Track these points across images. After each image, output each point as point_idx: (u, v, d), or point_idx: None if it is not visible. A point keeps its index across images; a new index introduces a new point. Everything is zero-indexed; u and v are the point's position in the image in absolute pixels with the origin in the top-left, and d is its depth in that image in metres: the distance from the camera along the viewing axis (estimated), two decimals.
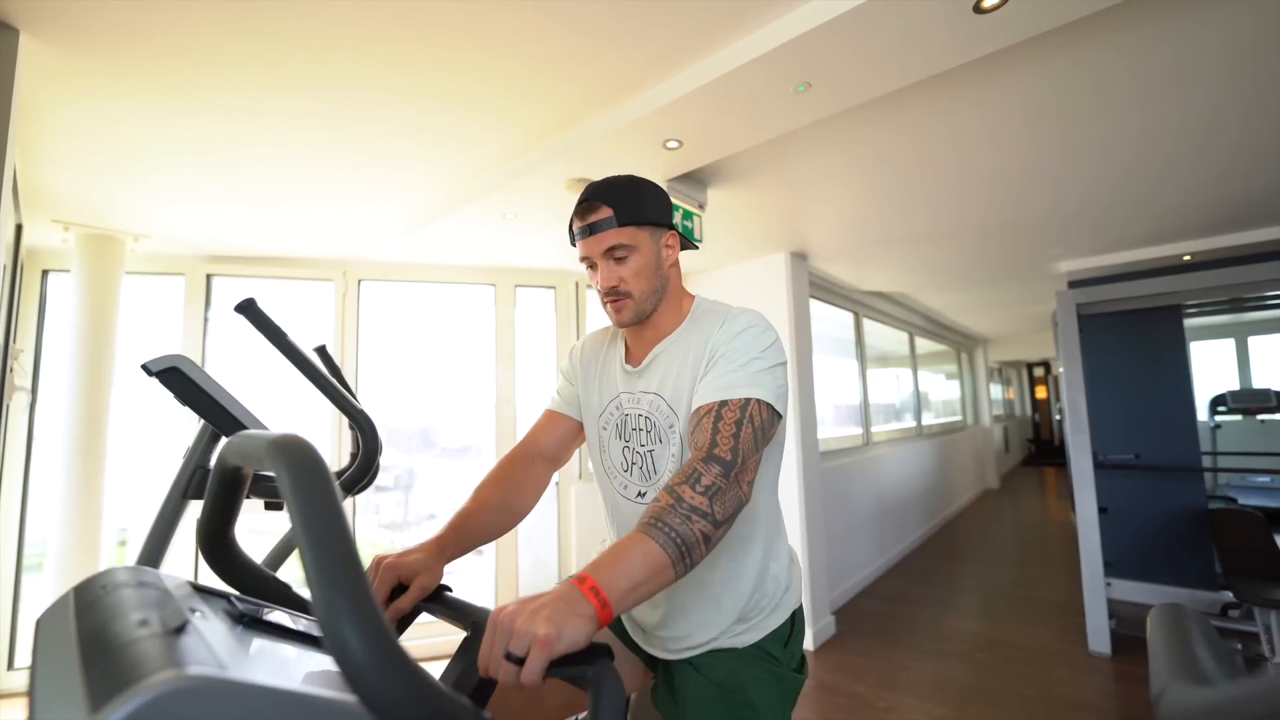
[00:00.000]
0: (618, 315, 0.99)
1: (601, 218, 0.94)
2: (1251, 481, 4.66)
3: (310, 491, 0.41)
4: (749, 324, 0.93)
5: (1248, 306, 4.52)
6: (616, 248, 0.95)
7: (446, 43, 1.47)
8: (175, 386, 1.20)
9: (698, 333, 0.98)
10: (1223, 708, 0.40)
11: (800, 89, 1.58)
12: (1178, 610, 0.66)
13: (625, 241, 0.95)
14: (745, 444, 0.81)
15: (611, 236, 0.94)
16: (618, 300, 0.97)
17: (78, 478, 2.47)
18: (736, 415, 0.83)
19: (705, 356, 0.93)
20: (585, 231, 0.96)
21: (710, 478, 0.77)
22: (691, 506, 0.74)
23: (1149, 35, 1.50)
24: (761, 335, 0.92)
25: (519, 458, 1.08)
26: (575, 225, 0.98)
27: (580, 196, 0.98)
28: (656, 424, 0.98)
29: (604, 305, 1.01)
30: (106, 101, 1.68)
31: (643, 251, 0.97)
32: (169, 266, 3.00)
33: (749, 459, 0.81)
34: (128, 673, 0.35)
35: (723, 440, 0.81)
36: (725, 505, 0.77)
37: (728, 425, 0.82)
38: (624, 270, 0.96)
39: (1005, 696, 2.53)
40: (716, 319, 0.96)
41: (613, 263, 0.96)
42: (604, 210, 0.94)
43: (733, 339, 0.91)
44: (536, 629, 0.57)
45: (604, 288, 0.97)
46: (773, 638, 0.98)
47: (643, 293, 0.98)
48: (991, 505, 7.20)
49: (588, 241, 0.96)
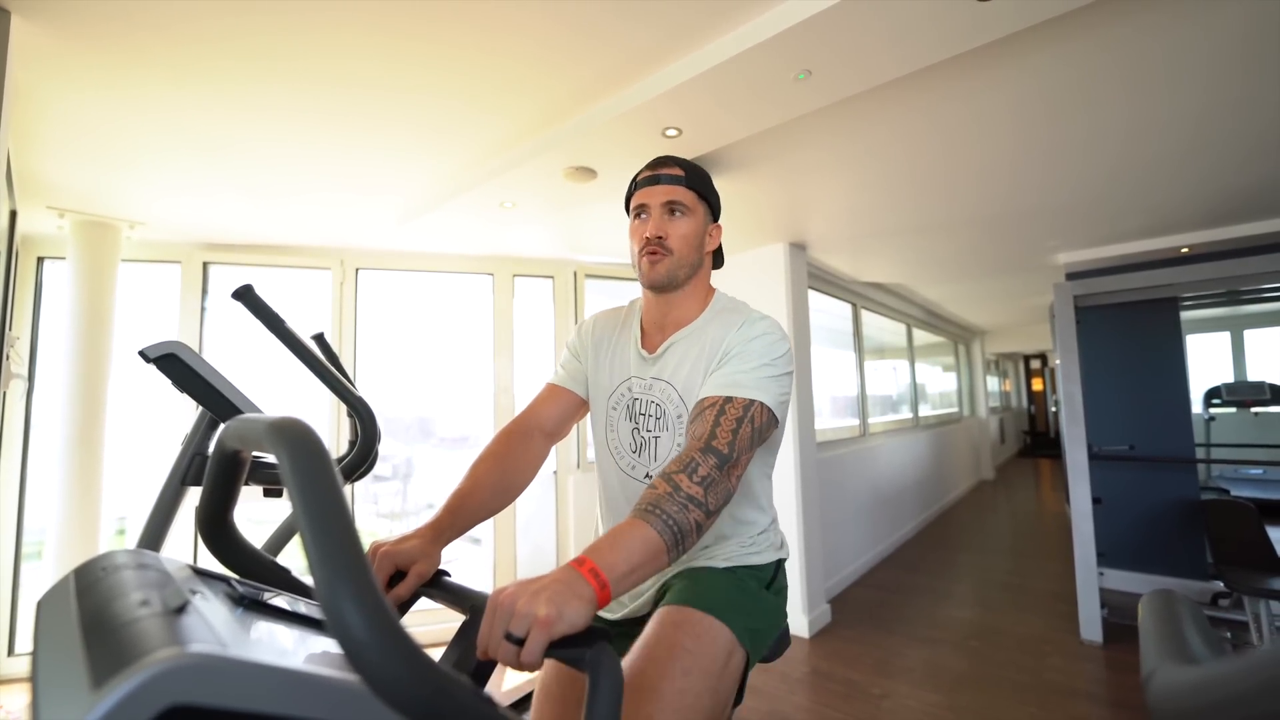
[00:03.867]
0: (652, 269, 1.00)
1: (672, 173, 1.00)
2: (1244, 473, 4.70)
3: (310, 473, 0.41)
4: (767, 330, 0.95)
5: (1244, 299, 4.54)
6: (676, 203, 1.00)
7: (443, 33, 1.46)
8: (173, 373, 1.20)
9: (717, 328, 1.00)
10: (1210, 684, 0.41)
11: (801, 76, 1.57)
12: (1169, 596, 0.67)
13: (685, 201, 1.00)
14: (742, 442, 0.83)
15: (676, 191, 1.00)
16: (658, 254, 0.99)
17: (76, 466, 2.47)
18: (739, 414, 0.85)
19: (720, 352, 0.95)
20: (652, 180, 1.00)
21: (707, 469, 0.78)
22: (689, 495, 0.75)
23: (1139, 29, 1.50)
24: (776, 344, 0.94)
25: (516, 431, 1.07)
26: (642, 175, 1.02)
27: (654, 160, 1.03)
28: (666, 412, 1.00)
29: (639, 259, 1.01)
30: (101, 87, 1.66)
31: (695, 219, 1.02)
32: (165, 254, 2.98)
33: (742, 456, 0.83)
34: (129, 650, 0.35)
35: (722, 434, 0.82)
36: (717, 497, 0.78)
37: (729, 421, 0.84)
38: (675, 226, 1.00)
39: (998, 683, 2.56)
40: (737, 319, 0.98)
41: (668, 215, 1.00)
42: (676, 169, 1.01)
43: (749, 341, 0.94)
44: (537, 610, 0.57)
45: (652, 234, 0.99)
46: (752, 571, 0.99)
47: (682, 256, 1.00)
48: (986, 496, 7.24)
49: (652, 190, 1.00)
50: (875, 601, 3.63)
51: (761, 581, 1.00)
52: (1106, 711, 2.31)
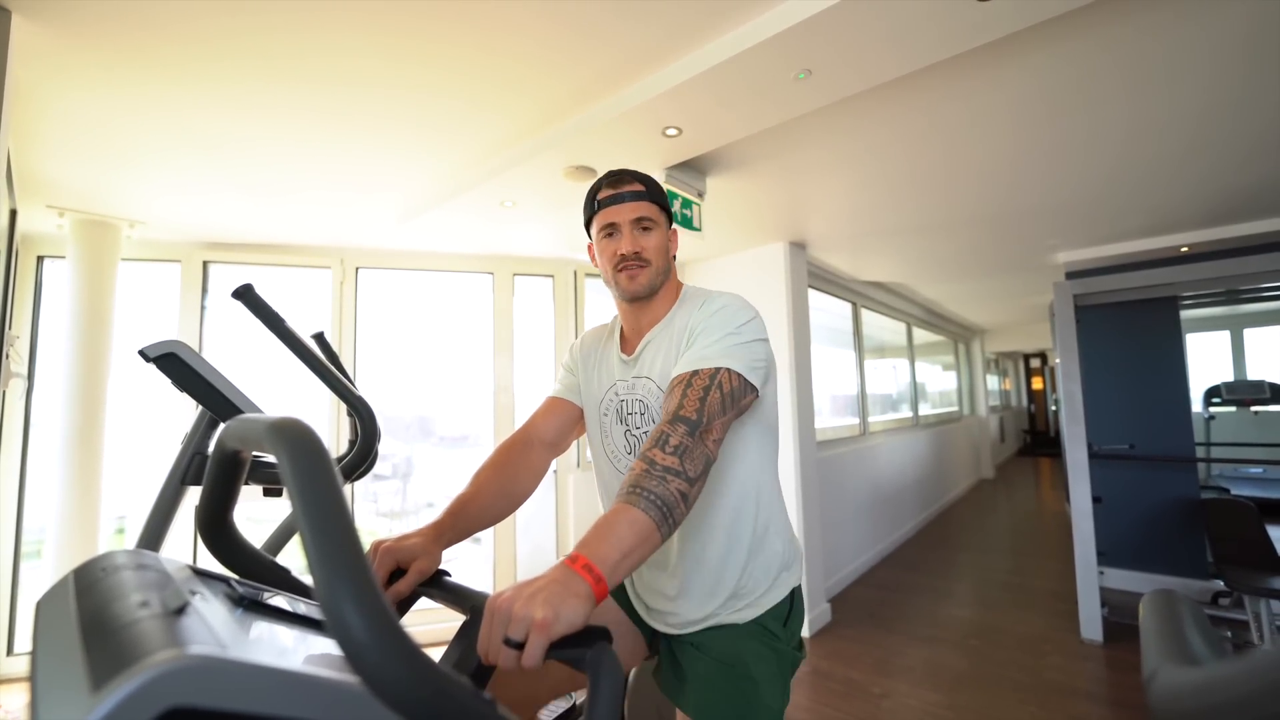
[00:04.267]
0: (631, 283, 1.02)
1: (634, 189, 1.03)
2: (1244, 472, 4.70)
3: (310, 473, 0.41)
4: (725, 303, 0.98)
5: (1244, 298, 4.54)
6: (644, 219, 1.02)
7: (443, 32, 1.46)
8: (172, 372, 1.20)
9: (682, 315, 1.03)
10: (1212, 686, 0.41)
11: (801, 76, 1.57)
12: (1170, 596, 0.67)
13: (652, 216, 1.03)
14: (711, 406, 0.84)
15: (642, 207, 1.03)
16: (636, 268, 1.02)
17: (75, 465, 2.47)
18: (705, 382, 0.86)
19: (685, 336, 0.97)
20: (618, 198, 1.03)
21: (678, 438, 0.79)
22: (665, 467, 0.76)
23: (1138, 29, 1.49)
24: (737, 313, 0.96)
25: (518, 443, 1.09)
26: (604, 194, 1.04)
27: (607, 174, 1.06)
28: (650, 406, 1.02)
29: (616, 275, 1.03)
30: (101, 86, 1.66)
31: (661, 230, 1.05)
32: (165, 253, 2.98)
33: (714, 420, 0.84)
34: (129, 652, 0.35)
35: (689, 403, 0.84)
36: (695, 462, 0.79)
37: (695, 391, 0.85)
38: (648, 240, 1.03)
39: (998, 682, 2.56)
40: (699, 301, 1.01)
41: (639, 231, 1.02)
42: (636, 184, 1.03)
43: (710, 317, 0.96)
44: (534, 613, 0.57)
45: (628, 251, 1.01)
46: (772, 615, 1.00)
47: (657, 267, 1.04)
48: (986, 495, 7.24)
49: (619, 208, 1.02)
50: (875, 600, 3.63)
51: (779, 619, 1.01)
52: (1106, 710, 2.32)
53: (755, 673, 0.94)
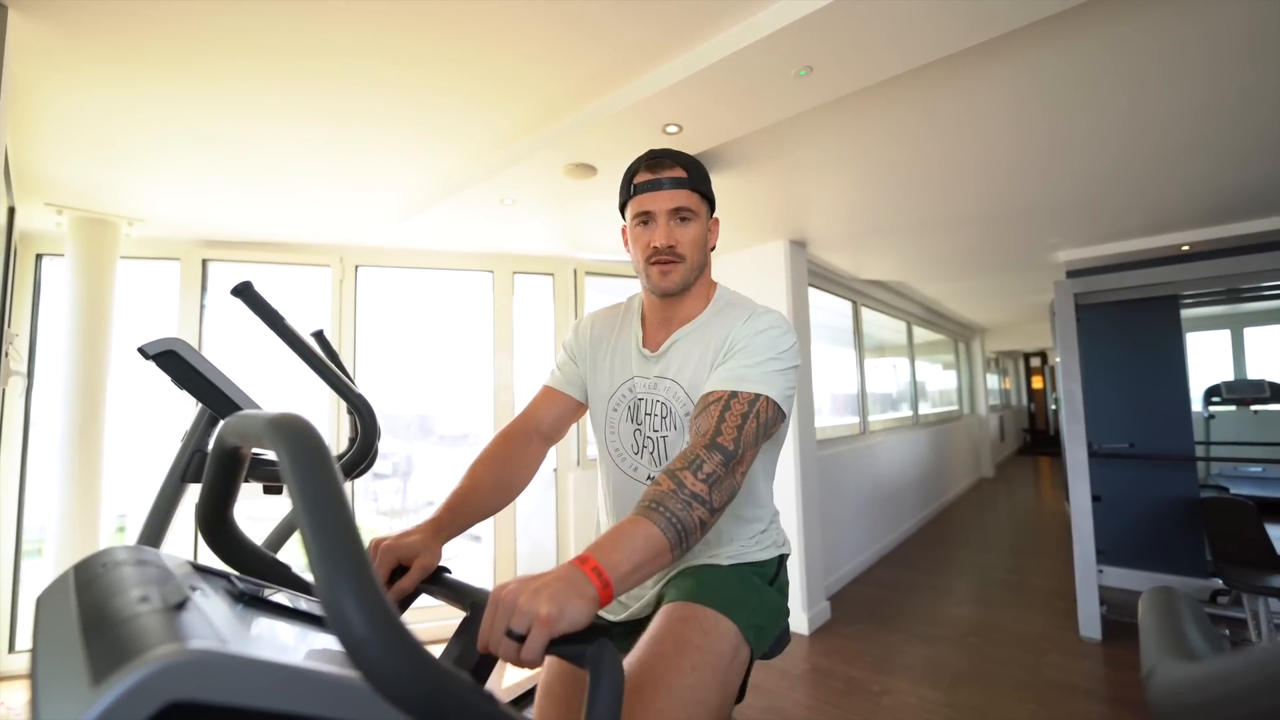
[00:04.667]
0: (664, 279, 0.97)
1: (675, 175, 0.95)
2: (1243, 471, 4.70)
3: (310, 468, 0.41)
4: (773, 323, 0.94)
5: (1244, 297, 4.54)
6: (683, 209, 0.95)
7: (442, 31, 1.45)
8: (172, 370, 1.20)
9: (721, 324, 0.97)
10: (1211, 681, 0.41)
11: (802, 73, 1.57)
12: (1169, 593, 0.67)
13: (692, 206, 0.96)
14: (747, 437, 0.82)
15: (682, 196, 0.95)
16: (670, 263, 0.96)
17: (75, 463, 2.47)
18: (744, 409, 0.83)
19: (725, 347, 0.94)
20: (655, 185, 0.95)
21: (712, 465, 0.78)
22: (693, 493, 0.75)
23: (1136, 27, 1.49)
24: (783, 337, 0.92)
25: (515, 434, 1.08)
26: (641, 178, 0.96)
27: (648, 154, 0.98)
28: (673, 411, 0.98)
29: (648, 267, 0.97)
30: (100, 84, 1.66)
31: (701, 222, 0.98)
32: (164, 251, 2.98)
33: (747, 452, 0.82)
34: (129, 647, 0.35)
35: (727, 430, 0.81)
36: (722, 494, 0.78)
37: (734, 416, 0.83)
38: (685, 233, 0.96)
39: (997, 680, 2.56)
40: (742, 313, 0.96)
41: (676, 222, 0.96)
42: (678, 170, 0.95)
43: (755, 335, 0.92)
44: (539, 608, 0.57)
45: (662, 244, 0.95)
46: (754, 567, 0.99)
47: (694, 262, 0.98)
48: (986, 494, 7.25)
49: (656, 195, 0.95)
50: (875, 599, 3.63)
51: (764, 578, 0.99)
52: (1105, 708, 2.32)
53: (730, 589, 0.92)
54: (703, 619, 0.86)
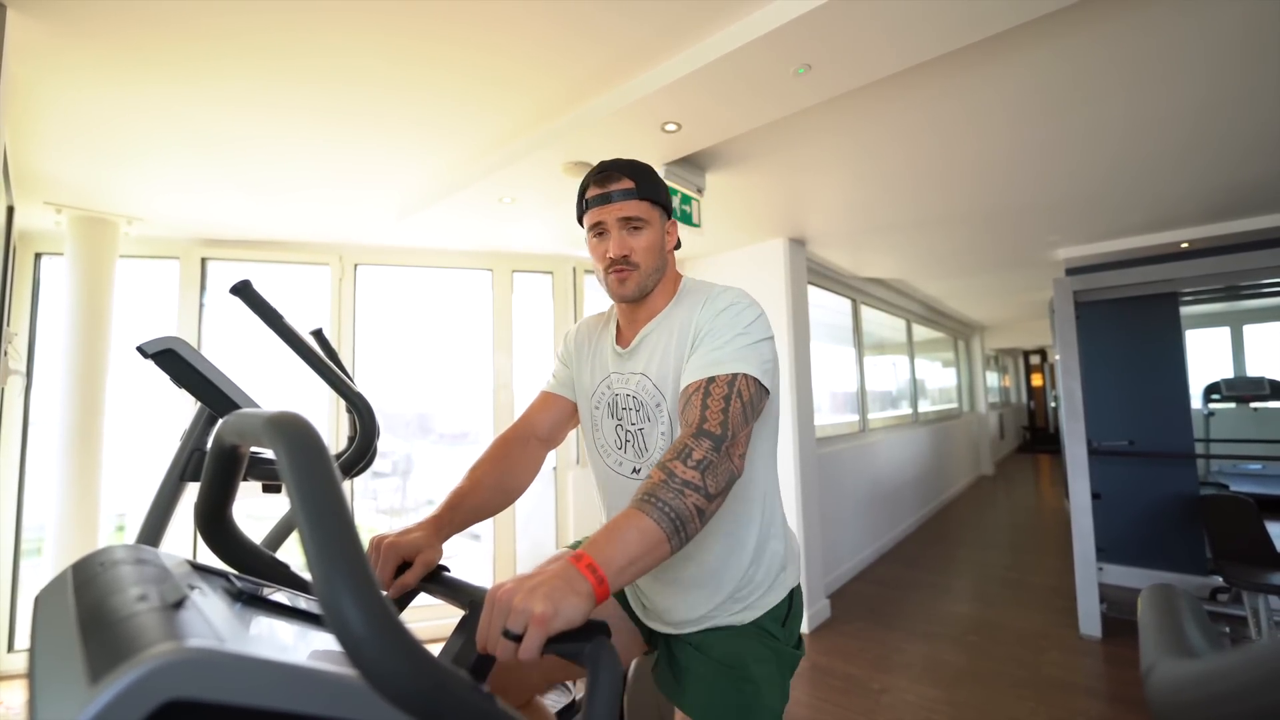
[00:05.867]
0: (620, 286, 0.99)
1: (623, 187, 0.97)
2: (1243, 468, 4.70)
3: (308, 467, 0.41)
4: (731, 301, 0.94)
5: (1243, 294, 4.53)
6: (633, 219, 0.98)
7: (441, 30, 1.45)
8: (171, 369, 1.20)
9: (682, 312, 0.99)
10: (1210, 677, 0.41)
11: (800, 71, 1.56)
12: (1168, 590, 0.67)
13: (642, 215, 0.98)
14: (734, 418, 0.82)
15: (631, 207, 0.97)
16: (624, 270, 0.98)
17: (75, 462, 2.47)
18: (724, 390, 0.84)
19: (690, 336, 0.95)
20: (604, 199, 0.98)
21: (701, 452, 0.78)
22: (684, 481, 0.75)
23: (1135, 25, 1.49)
24: (744, 311, 0.93)
25: (514, 437, 1.09)
26: (592, 193, 1.00)
27: (597, 168, 1.00)
28: (644, 403, 1.00)
29: (606, 276, 1.00)
30: (99, 82, 1.65)
31: (654, 229, 1.00)
32: (163, 250, 2.97)
33: (739, 433, 0.82)
34: (127, 645, 0.35)
35: (712, 415, 0.82)
36: (717, 478, 0.77)
37: (716, 401, 0.83)
38: (637, 242, 0.98)
39: (996, 678, 2.57)
40: (700, 298, 0.98)
41: (628, 232, 0.98)
42: (625, 181, 0.98)
43: (716, 316, 0.93)
44: (534, 606, 0.57)
45: (615, 254, 0.97)
46: (771, 616, 0.99)
47: (649, 268, 0.99)
48: (986, 491, 7.25)
49: (607, 208, 0.98)
50: (874, 597, 3.64)
51: (778, 619, 1.00)
52: (1105, 706, 2.32)
53: (755, 674, 0.93)
54: None
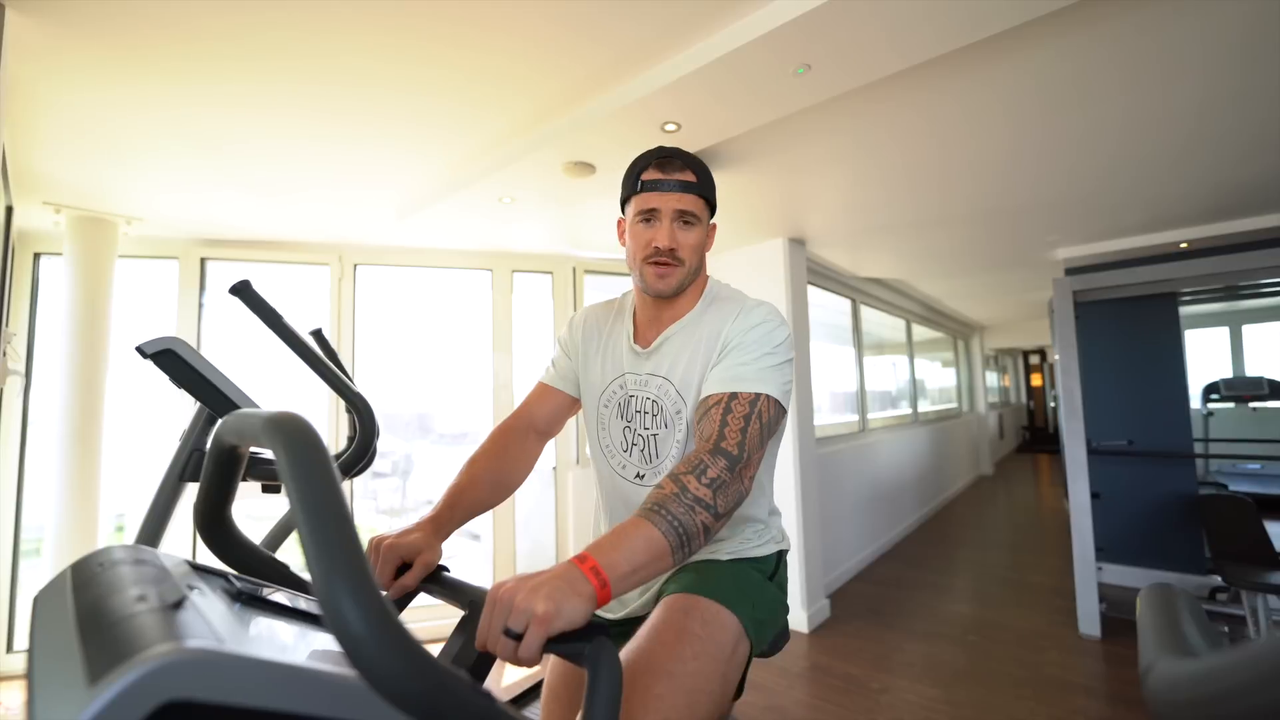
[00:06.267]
0: (660, 281, 0.96)
1: (685, 178, 0.94)
2: (1242, 468, 4.71)
3: (307, 466, 0.41)
4: (765, 318, 0.93)
5: (1243, 294, 4.54)
6: (689, 213, 0.95)
7: (440, 30, 1.45)
8: (170, 369, 1.20)
9: (712, 320, 0.97)
10: (1208, 676, 0.41)
11: (800, 71, 1.56)
12: (1167, 590, 0.67)
13: (697, 211, 0.96)
14: (752, 440, 0.81)
15: (689, 200, 0.95)
16: (669, 265, 0.95)
17: (74, 462, 2.46)
18: (746, 410, 0.83)
19: (718, 346, 0.93)
20: (666, 185, 0.94)
21: (716, 470, 0.77)
22: (696, 498, 0.74)
23: (1134, 24, 1.49)
24: (776, 331, 0.92)
25: (511, 429, 1.07)
26: (650, 175, 0.95)
27: (656, 151, 0.97)
28: (664, 409, 0.97)
29: (644, 266, 0.96)
30: (98, 82, 1.65)
31: (703, 228, 0.98)
32: (163, 250, 2.97)
33: (754, 455, 0.82)
34: (126, 646, 0.35)
35: (731, 434, 0.81)
36: (727, 499, 0.77)
37: (736, 419, 0.82)
38: (687, 237, 0.96)
39: (996, 677, 2.57)
40: (733, 308, 0.96)
41: (680, 225, 0.95)
42: (687, 173, 0.95)
43: (748, 331, 0.91)
44: (536, 606, 0.57)
45: (665, 246, 0.94)
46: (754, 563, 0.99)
47: (691, 267, 0.97)
48: (985, 491, 7.25)
49: (663, 195, 0.94)
50: (874, 596, 3.64)
51: (764, 573, 0.99)
52: (1104, 706, 2.32)
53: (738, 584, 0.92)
54: (704, 610, 0.86)
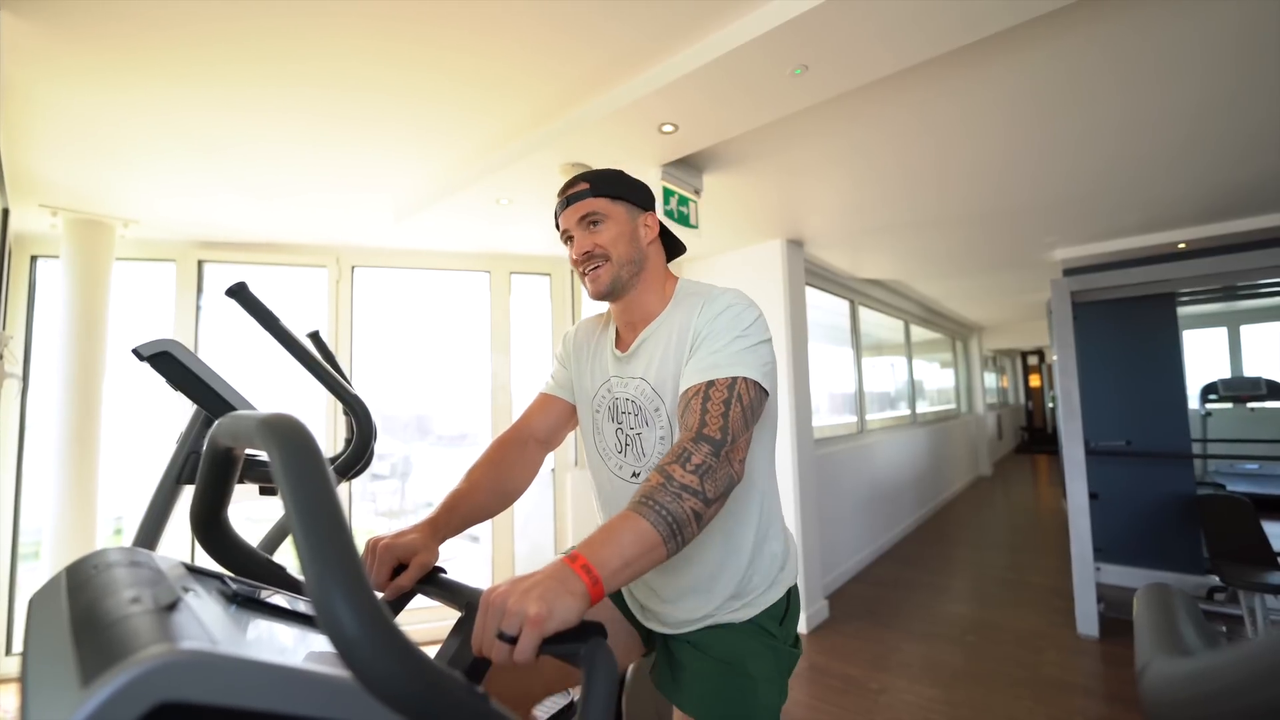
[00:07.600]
0: (594, 284, 0.99)
1: (580, 189, 0.99)
2: (1240, 468, 4.72)
3: (300, 468, 0.41)
4: (729, 303, 0.94)
5: (1241, 295, 4.55)
6: (590, 214, 0.98)
7: (436, 35, 1.45)
8: (167, 371, 1.19)
9: (681, 316, 0.98)
10: (1204, 675, 0.41)
11: (797, 72, 1.57)
12: (1164, 589, 0.67)
13: (598, 209, 0.99)
14: (735, 422, 0.82)
15: (586, 205, 0.99)
16: (594, 267, 0.99)
17: (72, 465, 2.46)
18: (724, 394, 0.84)
19: (689, 340, 0.94)
20: (563, 205, 1.01)
21: (700, 456, 0.77)
22: (682, 485, 0.75)
23: (1130, 25, 1.49)
24: (743, 313, 0.92)
25: (512, 439, 1.09)
26: (557, 205, 1.02)
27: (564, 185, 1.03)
28: (642, 407, 0.99)
29: (582, 279, 1.02)
30: (95, 85, 1.65)
31: (616, 221, 1.00)
32: (160, 252, 2.97)
33: (739, 437, 0.82)
34: (119, 647, 0.35)
35: (711, 420, 0.81)
36: (716, 483, 0.77)
37: (716, 405, 0.83)
38: (598, 236, 0.99)
39: (994, 678, 2.57)
40: (698, 301, 0.97)
41: (587, 229, 0.99)
42: (581, 185, 1.00)
43: (714, 319, 0.92)
44: (528, 608, 0.57)
45: (579, 253, 0.99)
46: (769, 614, 0.99)
47: (620, 258, 0.99)
48: (984, 492, 7.26)
49: (566, 213, 1.00)
50: (873, 597, 3.63)
51: (776, 618, 1.00)
52: (1102, 705, 2.32)
53: (754, 671, 0.93)
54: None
